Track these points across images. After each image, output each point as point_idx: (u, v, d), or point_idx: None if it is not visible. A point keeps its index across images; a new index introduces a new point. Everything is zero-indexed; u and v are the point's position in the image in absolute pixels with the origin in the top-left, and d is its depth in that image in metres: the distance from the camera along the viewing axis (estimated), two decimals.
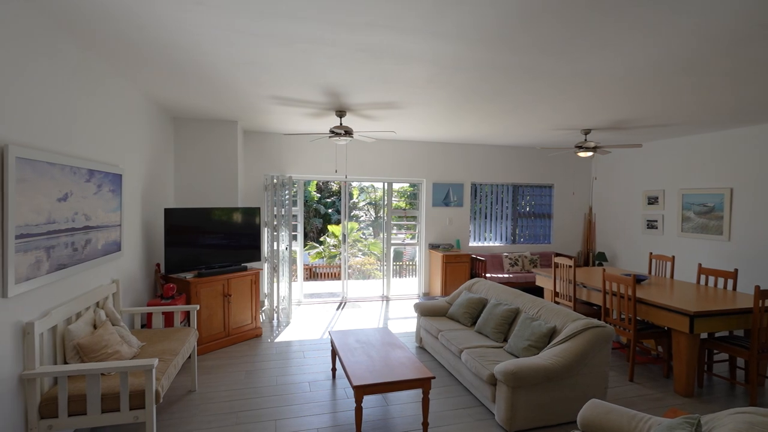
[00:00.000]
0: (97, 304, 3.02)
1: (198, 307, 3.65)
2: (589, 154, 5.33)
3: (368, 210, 19.69)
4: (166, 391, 2.68)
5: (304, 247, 16.68)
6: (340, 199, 19.67)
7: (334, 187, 19.47)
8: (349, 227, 16.04)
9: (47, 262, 2.35)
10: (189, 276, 4.31)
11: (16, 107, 2.13)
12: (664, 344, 3.97)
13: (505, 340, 3.71)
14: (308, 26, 2.42)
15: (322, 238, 16.54)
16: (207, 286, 4.33)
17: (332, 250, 16.01)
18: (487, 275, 6.61)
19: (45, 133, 2.38)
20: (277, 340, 4.81)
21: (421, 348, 4.56)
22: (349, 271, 12.01)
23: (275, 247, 5.63)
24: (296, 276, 6.63)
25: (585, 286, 4.51)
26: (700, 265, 4.56)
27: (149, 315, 3.61)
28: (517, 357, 3.29)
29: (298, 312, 6.02)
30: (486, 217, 7.41)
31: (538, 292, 6.69)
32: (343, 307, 6.31)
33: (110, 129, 3.31)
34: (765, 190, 5.00)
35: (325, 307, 6.35)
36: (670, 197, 6.22)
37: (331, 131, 4.54)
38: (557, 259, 4.73)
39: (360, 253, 15.06)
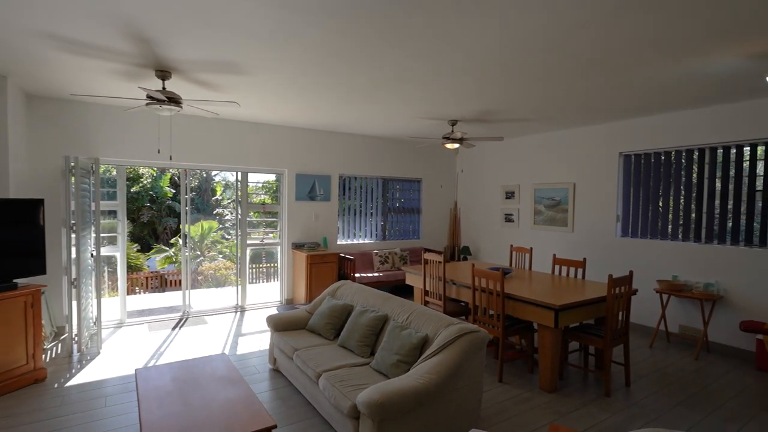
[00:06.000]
0: None
1: None
2: (456, 145, 5.18)
3: (235, 208, 17.86)
4: None
5: (150, 251, 14.17)
6: (199, 196, 17.39)
7: (193, 182, 17.11)
8: (206, 227, 14.19)
9: None
10: None
11: None
12: (527, 338, 3.91)
13: (373, 354, 3.15)
14: None
15: (173, 240, 14.24)
16: None
17: (187, 254, 13.86)
18: (357, 275, 6.09)
19: None
20: (70, 383, 3.46)
21: (276, 371, 3.75)
22: (200, 278, 10.42)
23: (82, 254, 4.16)
24: (120, 289, 5.15)
25: (455, 283, 4.26)
26: (554, 255, 4.71)
27: None
28: (386, 376, 2.75)
29: (117, 337, 4.61)
30: (356, 213, 6.90)
31: (410, 291, 6.44)
32: (182, 325, 5.08)
33: None
34: (599, 185, 5.49)
35: (159, 326, 5.03)
36: (524, 191, 6.54)
37: (149, 97, 3.40)
38: (427, 255, 4.40)
39: (220, 256, 13.33)
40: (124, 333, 4.76)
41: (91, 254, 4.27)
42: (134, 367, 3.77)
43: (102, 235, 5.04)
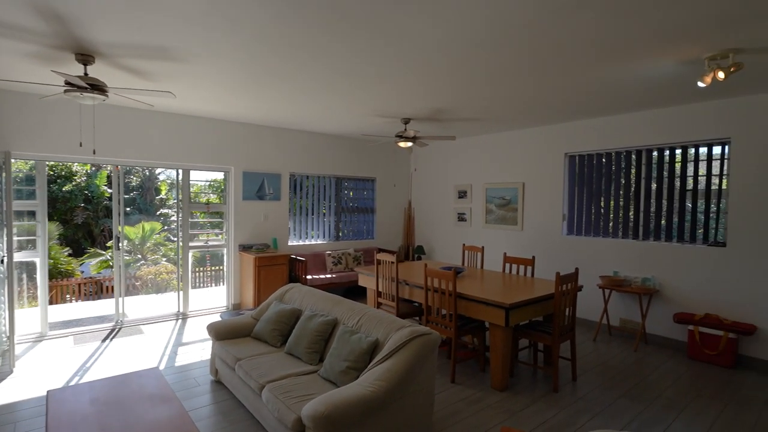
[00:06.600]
0: None
1: None
2: (409, 144, 5.12)
3: (176, 208, 16.88)
4: None
5: (83, 255, 13.07)
6: (141, 195, 16.31)
7: (134, 180, 16.05)
8: (148, 228, 13.29)
9: None
10: None
11: None
12: (479, 337, 3.91)
13: (322, 361, 3.00)
14: None
15: (111, 243, 13.19)
16: None
17: (126, 257, 12.96)
18: (309, 277, 5.88)
19: None
20: None
21: (219, 383, 3.49)
22: (138, 283, 9.72)
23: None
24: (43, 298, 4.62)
25: (408, 284, 4.19)
26: (505, 254, 4.78)
27: None
28: (335, 384, 2.61)
29: (35, 353, 4.12)
30: (309, 213, 6.68)
31: (364, 292, 6.34)
32: (114, 336, 4.65)
33: None
34: (546, 185, 5.65)
35: (87, 338, 4.56)
36: (476, 191, 6.63)
37: (68, 83, 3.03)
38: (379, 256, 4.29)
39: (164, 259, 12.52)
40: (45, 348, 4.27)
41: (2, 260, 3.78)
42: (52, 386, 3.36)
43: (19, 238, 4.51)
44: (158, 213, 15.68)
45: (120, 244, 5.19)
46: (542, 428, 2.86)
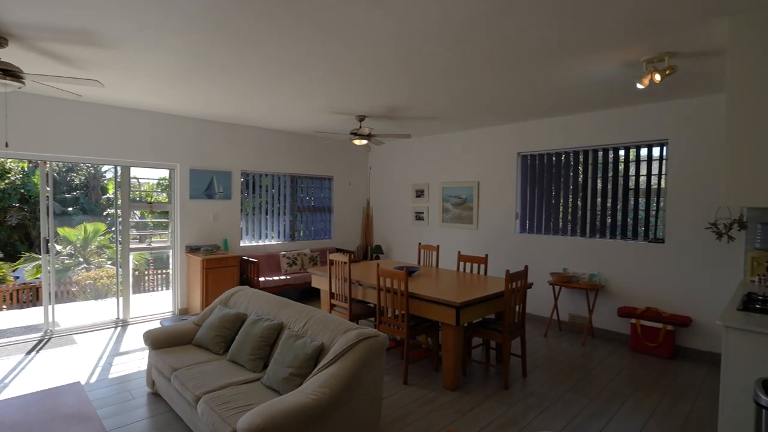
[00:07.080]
0: None
1: None
2: (364, 142, 5.04)
3: (114, 206, 16.05)
4: None
5: (18, 260, 12.03)
6: (85, 194, 15.28)
7: (77, 179, 14.98)
8: (91, 229, 12.43)
9: None
10: None
11: None
12: (433, 336, 3.88)
13: (266, 367, 2.84)
14: None
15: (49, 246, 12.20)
16: None
17: (67, 261, 12.08)
18: (262, 279, 5.66)
19: None
20: None
21: (156, 395, 3.24)
22: (74, 289, 9.07)
23: None
24: None
25: (361, 285, 4.10)
26: (459, 252, 4.79)
27: None
28: (279, 392, 2.47)
29: None
30: (264, 212, 6.44)
31: (319, 294, 6.18)
32: (41, 348, 4.25)
33: None
34: (500, 184, 5.74)
35: (9, 350, 4.14)
36: (433, 190, 6.64)
37: None
38: (332, 256, 4.18)
39: (109, 262, 11.74)
40: None
41: None
42: None
43: None
44: (105, 213, 14.75)
45: (49, 247, 4.76)
46: (491, 427, 2.86)
